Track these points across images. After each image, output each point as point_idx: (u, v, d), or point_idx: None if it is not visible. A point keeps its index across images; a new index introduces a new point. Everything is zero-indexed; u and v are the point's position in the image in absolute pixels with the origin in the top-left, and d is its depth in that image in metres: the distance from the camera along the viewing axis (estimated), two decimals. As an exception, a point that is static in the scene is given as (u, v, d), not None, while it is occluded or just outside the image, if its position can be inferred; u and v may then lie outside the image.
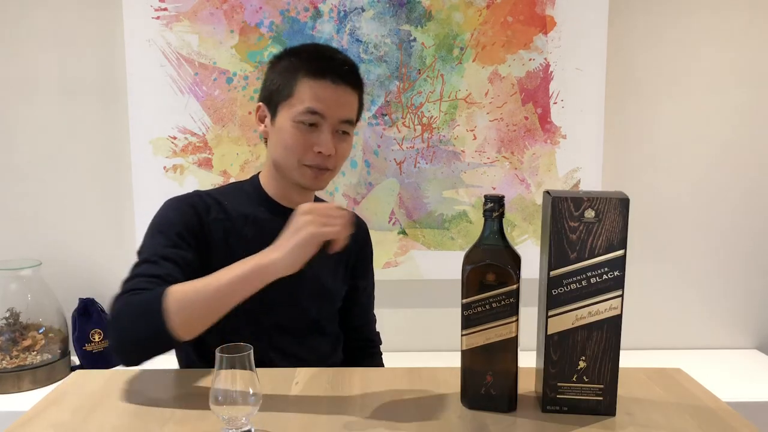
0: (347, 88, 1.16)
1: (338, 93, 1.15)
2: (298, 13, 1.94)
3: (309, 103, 1.13)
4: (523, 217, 2.04)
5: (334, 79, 1.14)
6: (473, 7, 1.96)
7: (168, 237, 1.12)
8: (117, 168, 2.00)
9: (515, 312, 0.91)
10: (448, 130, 2.00)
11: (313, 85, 1.14)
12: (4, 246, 1.99)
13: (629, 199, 0.87)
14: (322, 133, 1.14)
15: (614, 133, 2.04)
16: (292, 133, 1.15)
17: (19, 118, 1.98)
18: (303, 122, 1.14)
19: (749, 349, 2.14)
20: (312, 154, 1.15)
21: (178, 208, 1.17)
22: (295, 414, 0.92)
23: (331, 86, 1.14)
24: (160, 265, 1.07)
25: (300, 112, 1.14)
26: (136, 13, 1.91)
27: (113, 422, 0.90)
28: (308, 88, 1.14)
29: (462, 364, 0.95)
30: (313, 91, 1.14)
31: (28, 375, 1.79)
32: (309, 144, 1.15)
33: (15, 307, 1.84)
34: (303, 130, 1.14)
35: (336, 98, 1.15)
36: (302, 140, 1.15)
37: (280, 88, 1.17)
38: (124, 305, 1.01)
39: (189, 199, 1.19)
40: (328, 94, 1.14)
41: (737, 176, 2.07)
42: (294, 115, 1.14)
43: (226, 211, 1.20)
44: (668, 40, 2.02)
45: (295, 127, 1.15)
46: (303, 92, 1.14)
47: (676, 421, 0.91)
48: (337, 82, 1.14)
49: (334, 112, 1.15)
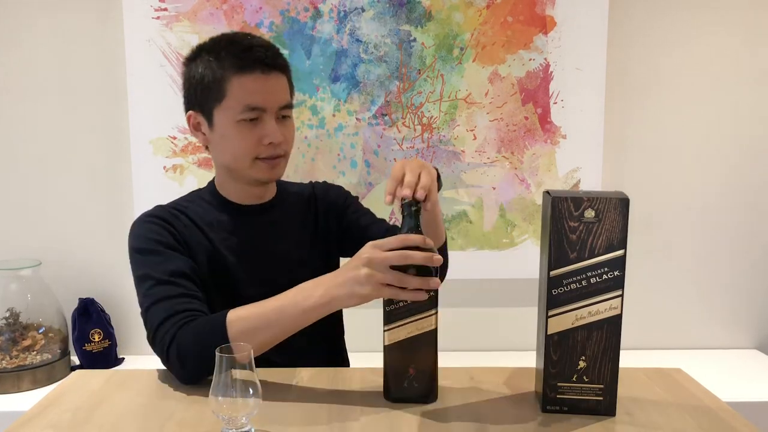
0: (276, 74, 1.13)
1: (270, 81, 1.12)
2: (298, 13, 1.94)
3: (246, 100, 1.11)
4: (523, 217, 2.04)
5: (262, 69, 1.11)
6: (473, 7, 1.96)
7: (160, 253, 1.11)
8: (117, 168, 2.00)
9: (434, 305, 0.93)
10: (448, 130, 2.00)
11: (244, 81, 1.10)
12: (4, 246, 1.99)
13: (629, 199, 0.87)
14: (267, 123, 1.13)
15: (614, 133, 2.04)
16: (236, 133, 1.13)
17: (19, 118, 1.98)
18: (245, 119, 1.12)
19: (749, 349, 2.14)
20: (263, 147, 1.14)
21: (152, 224, 1.15)
22: (295, 414, 0.92)
23: (261, 76, 1.11)
24: (177, 283, 1.08)
25: (239, 112, 1.11)
26: (136, 13, 1.91)
27: (113, 422, 0.90)
28: (240, 85, 1.11)
29: (384, 360, 0.96)
30: (245, 86, 1.11)
31: (28, 375, 1.79)
32: (257, 138, 1.13)
33: (15, 307, 1.84)
34: (247, 127, 1.13)
35: (269, 87, 1.12)
36: (249, 137, 1.13)
37: (208, 92, 1.13)
38: (184, 340, 1.00)
39: (158, 213, 1.18)
40: (261, 86, 1.11)
41: (737, 176, 2.07)
42: (234, 116, 1.12)
43: (193, 221, 1.19)
44: (668, 40, 2.02)
45: (238, 127, 1.12)
46: (235, 90, 1.11)
47: (676, 421, 0.91)
48: (266, 71, 1.12)
49: (272, 100, 1.13)
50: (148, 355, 2.03)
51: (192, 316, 1.04)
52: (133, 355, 2.05)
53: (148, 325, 1.06)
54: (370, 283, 0.91)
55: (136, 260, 1.14)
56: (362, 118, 1.99)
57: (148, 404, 0.96)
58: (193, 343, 0.99)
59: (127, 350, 2.06)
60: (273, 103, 1.13)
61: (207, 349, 0.96)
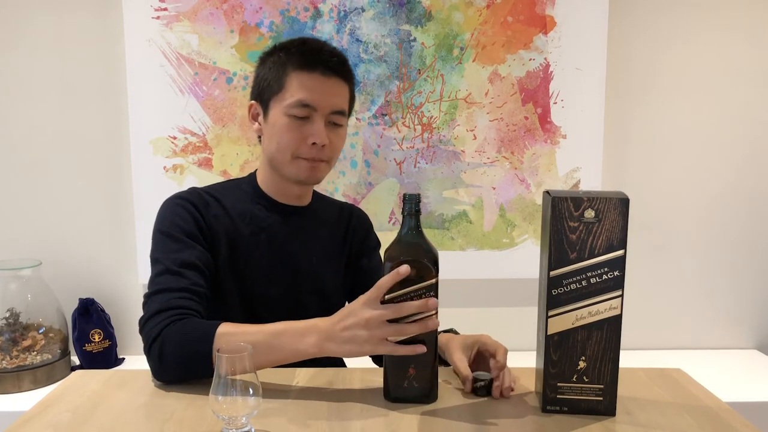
0: (337, 79, 1.16)
1: (328, 84, 1.15)
2: (298, 13, 1.94)
3: (300, 95, 1.14)
4: (523, 217, 2.04)
5: (323, 70, 1.14)
6: (473, 7, 1.96)
7: (179, 240, 1.12)
8: (117, 168, 2.00)
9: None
10: (448, 130, 2.00)
11: (303, 77, 1.14)
12: (4, 246, 1.99)
13: (629, 199, 0.87)
14: (315, 123, 1.15)
15: (614, 133, 2.04)
16: (285, 126, 1.15)
17: (19, 118, 1.98)
18: (295, 115, 1.14)
19: (749, 349, 2.14)
20: (306, 146, 1.15)
21: (180, 207, 1.17)
22: (295, 414, 0.92)
23: (320, 77, 1.14)
24: (184, 275, 1.08)
25: (291, 105, 1.14)
26: (136, 13, 1.91)
27: (113, 422, 0.90)
28: (298, 81, 1.14)
29: (385, 359, 0.96)
30: (303, 82, 1.14)
31: (28, 375, 1.79)
32: (302, 136, 1.15)
33: (15, 307, 1.84)
34: (296, 122, 1.15)
35: (326, 89, 1.15)
36: (296, 132, 1.15)
37: (270, 84, 1.17)
38: (169, 339, 1.00)
39: (188, 196, 1.19)
40: (318, 85, 1.14)
41: (737, 176, 2.07)
42: (286, 109, 1.15)
43: (225, 208, 1.20)
44: (668, 40, 2.02)
45: (287, 120, 1.15)
46: (293, 85, 1.14)
47: (676, 421, 0.91)
48: (327, 73, 1.15)
49: (326, 102, 1.15)
50: (148, 355, 2.04)
51: (185, 314, 1.04)
52: (133, 355, 2.05)
53: (143, 312, 1.08)
54: (369, 343, 0.92)
55: (155, 240, 1.15)
56: (362, 118, 1.99)
57: (148, 404, 0.96)
58: (177, 344, 1.00)
59: (127, 350, 2.06)
60: (325, 104, 1.15)
61: (188, 353, 0.99)
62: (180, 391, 1.00)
